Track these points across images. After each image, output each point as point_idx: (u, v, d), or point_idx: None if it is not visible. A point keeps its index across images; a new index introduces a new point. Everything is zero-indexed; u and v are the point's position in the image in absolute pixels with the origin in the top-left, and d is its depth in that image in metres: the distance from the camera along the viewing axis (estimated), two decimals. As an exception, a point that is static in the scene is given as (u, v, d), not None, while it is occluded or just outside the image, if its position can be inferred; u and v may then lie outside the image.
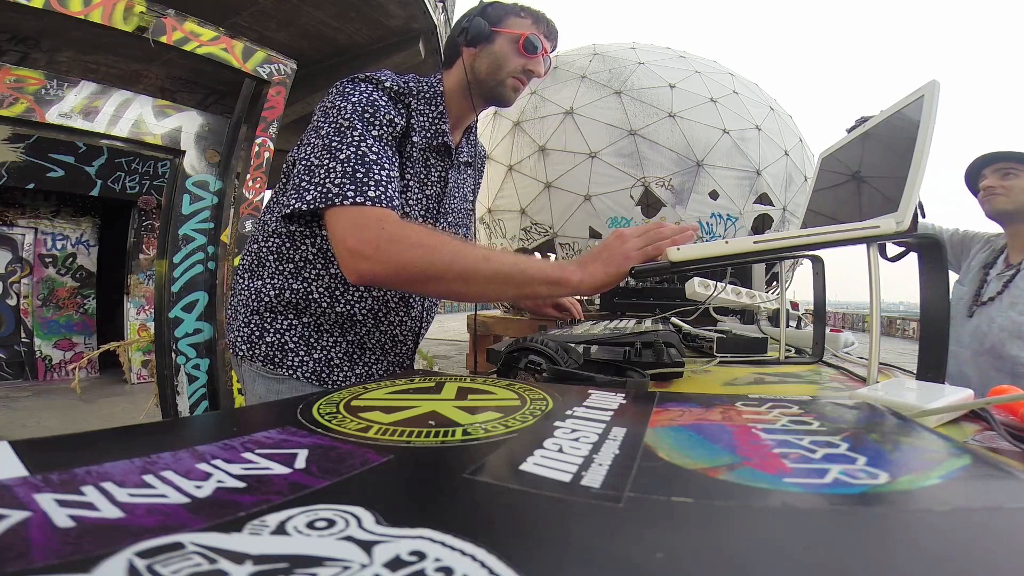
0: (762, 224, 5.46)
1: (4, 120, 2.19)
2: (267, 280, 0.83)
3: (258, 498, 0.21)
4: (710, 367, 0.82)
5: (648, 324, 1.16)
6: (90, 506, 0.20)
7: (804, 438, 0.30)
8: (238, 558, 0.16)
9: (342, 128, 0.71)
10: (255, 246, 0.86)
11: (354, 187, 0.68)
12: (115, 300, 5.14)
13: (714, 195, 5.21)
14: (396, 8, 4.08)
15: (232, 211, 2.68)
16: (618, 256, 0.65)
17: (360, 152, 0.70)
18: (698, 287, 1.31)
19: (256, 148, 2.72)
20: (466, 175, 0.96)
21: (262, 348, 0.82)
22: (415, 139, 0.81)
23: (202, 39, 2.43)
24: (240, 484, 0.23)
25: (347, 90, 0.74)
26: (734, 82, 5.75)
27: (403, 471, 0.26)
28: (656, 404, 0.40)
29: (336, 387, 0.61)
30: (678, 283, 2.03)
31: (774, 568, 0.16)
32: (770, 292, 2.16)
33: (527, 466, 0.26)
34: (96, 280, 5.25)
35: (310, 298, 0.81)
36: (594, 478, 0.24)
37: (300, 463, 0.26)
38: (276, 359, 0.82)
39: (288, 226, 0.80)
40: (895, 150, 0.64)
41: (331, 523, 0.19)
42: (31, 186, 4.31)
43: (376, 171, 0.70)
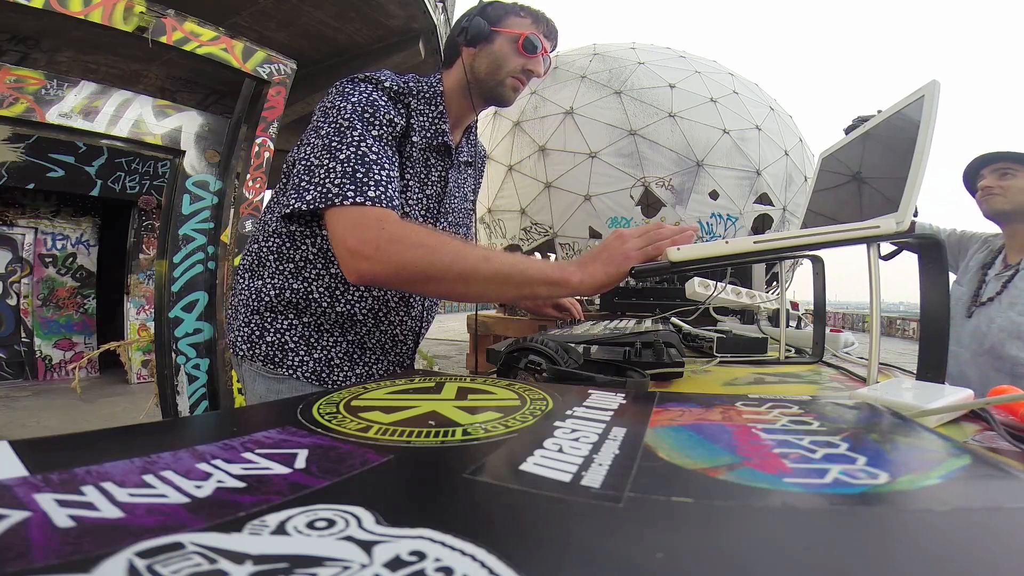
0: (762, 224, 5.47)
1: (4, 120, 2.19)
2: (267, 280, 0.83)
3: (258, 498, 0.21)
4: (710, 367, 0.82)
5: (648, 324, 1.16)
6: (90, 506, 0.20)
7: (804, 438, 0.30)
8: (238, 558, 0.16)
9: (342, 128, 0.71)
10: (255, 246, 0.86)
11: (354, 187, 0.68)
12: (115, 300, 5.14)
13: (714, 195, 5.21)
14: (396, 8, 4.09)
15: (232, 211, 2.68)
16: (618, 256, 0.65)
17: (360, 152, 0.70)
18: (698, 287, 1.31)
19: (256, 148, 2.72)
20: (466, 175, 0.96)
21: (262, 348, 0.83)
22: (415, 139, 0.81)
23: (202, 39, 2.43)
24: (240, 484, 0.23)
25: (347, 90, 0.74)
26: (734, 82, 5.75)
27: (403, 471, 0.26)
28: (656, 404, 0.40)
29: (336, 387, 0.61)
30: (678, 283, 2.03)
31: (774, 568, 0.16)
32: (770, 292, 2.16)
33: (527, 466, 0.26)
34: (96, 280, 5.26)
35: (310, 298, 0.81)
36: (594, 478, 0.24)
37: (300, 463, 0.26)
38: (276, 359, 0.82)
39: (288, 226, 0.80)
40: (895, 150, 0.64)
41: (331, 523, 0.19)
42: (31, 186, 4.31)
43: (376, 171, 0.70)
